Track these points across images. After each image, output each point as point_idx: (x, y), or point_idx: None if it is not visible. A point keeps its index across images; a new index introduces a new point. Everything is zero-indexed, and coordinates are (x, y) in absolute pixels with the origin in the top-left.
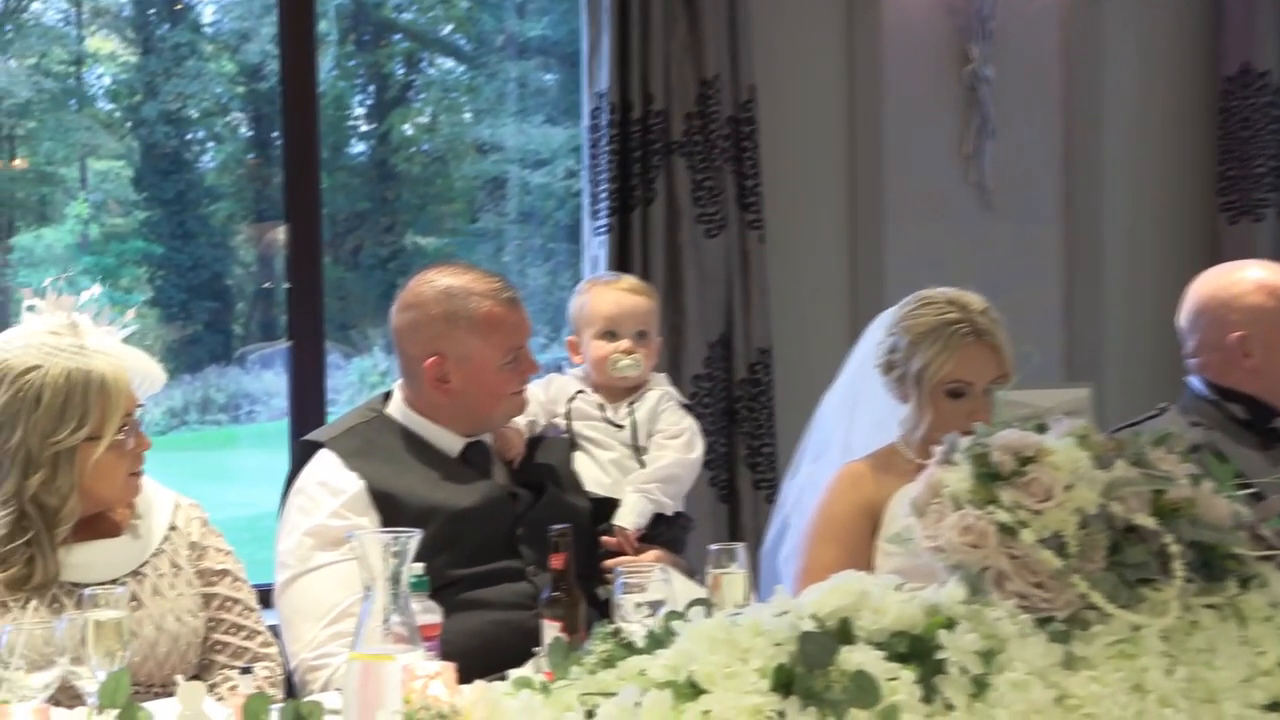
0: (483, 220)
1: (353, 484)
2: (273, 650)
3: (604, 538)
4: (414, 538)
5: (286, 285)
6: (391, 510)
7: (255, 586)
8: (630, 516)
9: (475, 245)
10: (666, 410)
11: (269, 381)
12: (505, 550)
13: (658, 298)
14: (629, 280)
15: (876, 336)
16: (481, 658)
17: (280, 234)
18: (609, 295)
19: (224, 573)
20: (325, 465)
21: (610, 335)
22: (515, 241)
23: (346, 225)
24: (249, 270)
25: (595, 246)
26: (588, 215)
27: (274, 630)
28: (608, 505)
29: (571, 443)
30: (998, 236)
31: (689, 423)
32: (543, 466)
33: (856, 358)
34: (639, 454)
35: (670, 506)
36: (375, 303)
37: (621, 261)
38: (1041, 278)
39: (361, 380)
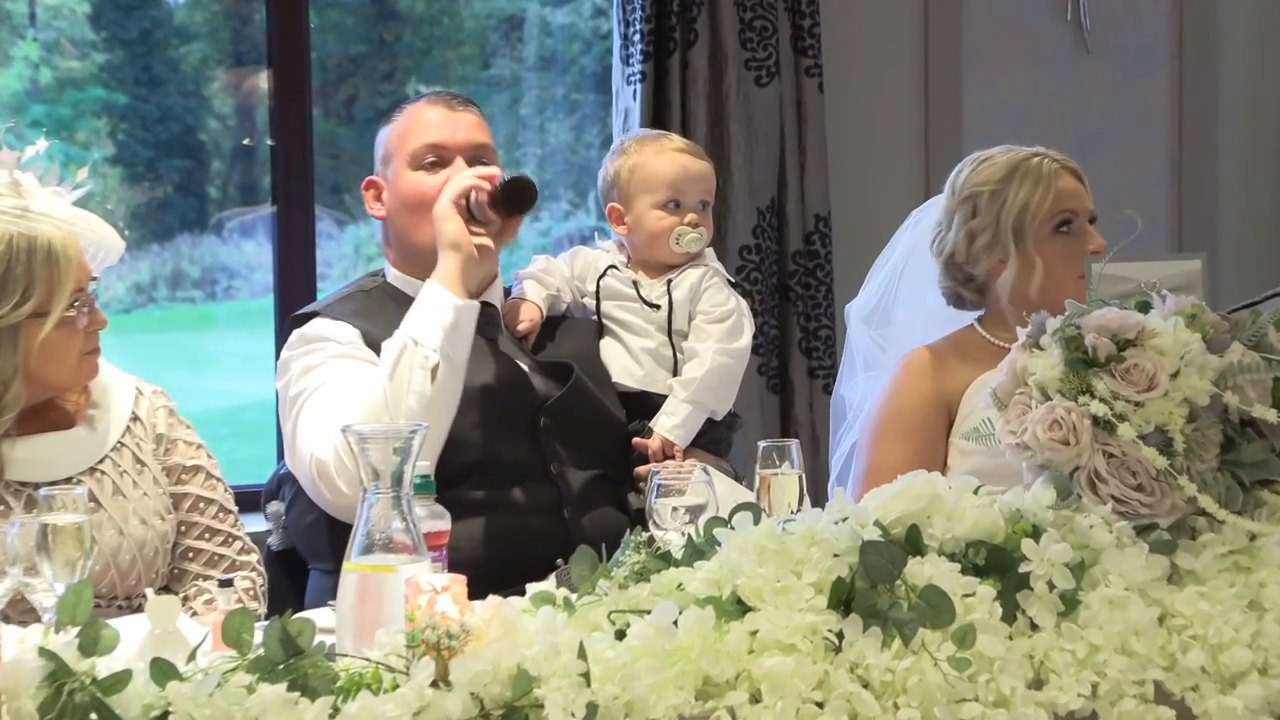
0: (497, 66)
1: (349, 332)
2: (253, 558)
3: (637, 439)
4: (419, 432)
5: (270, 142)
6: None
7: (234, 489)
8: (679, 430)
9: (488, 95)
10: (710, 288)
11: (250, 253)
12: (525, 443)
13: None
14: (681, 140)
15: (909, 239)
16: (497, 568)
17: (262, 81)
18: (671, 159)
19: (195, 469)
20: (316, 324)
21: (673, 205)
22: (534, 91)
23: (339, 72)
24: (226, 124)
25: (627, 97)
26: (618, 60)
27: (255, 539)
28: (641, 401)
29: (600, 327)
30: (1097, 84)
31: (735, 303)
32: (566, 345)
33: (892, 262)
34: (676, 340)
35: (721, 412)
36: (372, 162)
37: (657, 115)
38: (1147, 132)
39: (357, 252)
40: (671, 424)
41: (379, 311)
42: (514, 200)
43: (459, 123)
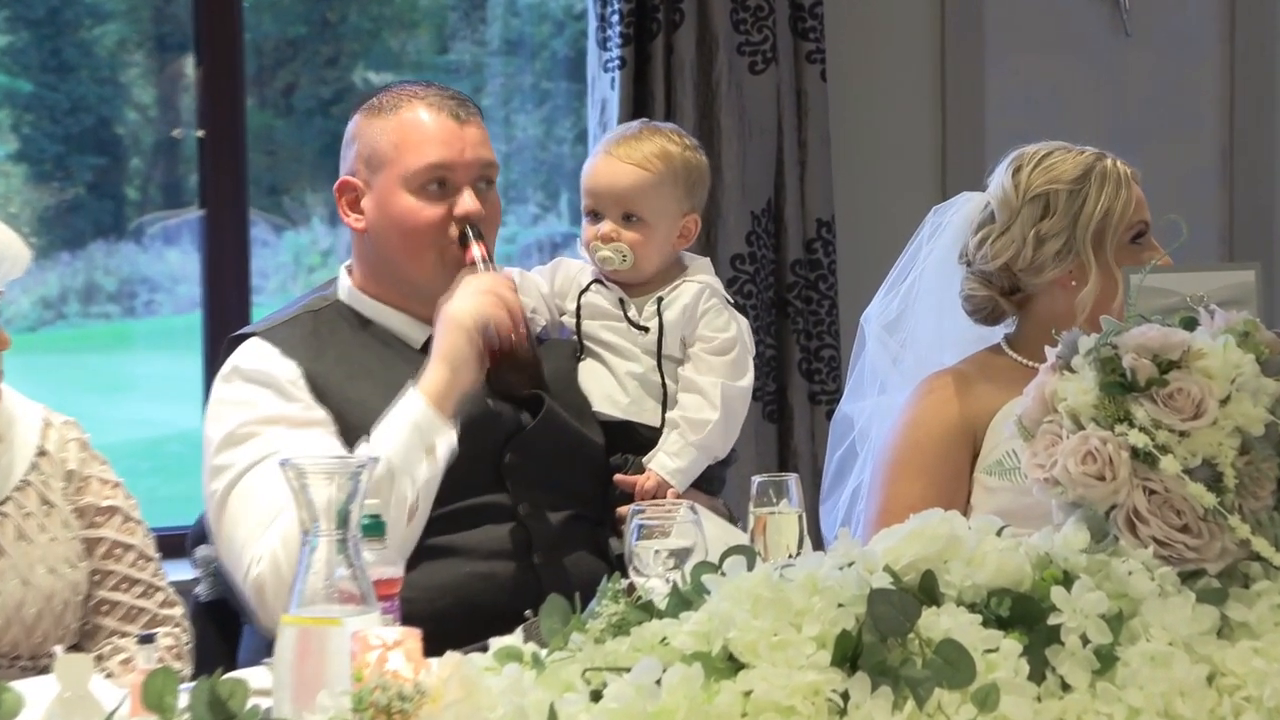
0: (456, 51)
1: (290, 370)
2: (177, 611)
3: (620, 476)
4: (368, 467)
5: (198, 134)
6: (341, 427)
7: (156, 532)
8: (680, 475)
9: (446, 83)
10: (710, 311)
11: (174, 262)
12: (488, 481)
13: (688, 166)
14: (649, 141)
15: (942, 246)
16: (456, 621)
17: (188, 67)
18: (594, 162)
19: (111, 510)
20: (255, 353)
21: (593, 215)
22: (499, 79)
23: (275, 56)
24: (147, 116)
25: (604, 86)
26: (594, 44)
27: (181, 586)
28: (624, 431)
29: (579, 348)
30: (1137, 71)
31: (737, 329)
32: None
33: (921, 265)
34: (667, 366)
35: (723, 456)
36: (314, 159)
37: (638, 105)
38: (1194, 125)
39: (297, 261)
40: (674, 466)
41: (329, 340)
42: (508, 374)
43: (466, 139)
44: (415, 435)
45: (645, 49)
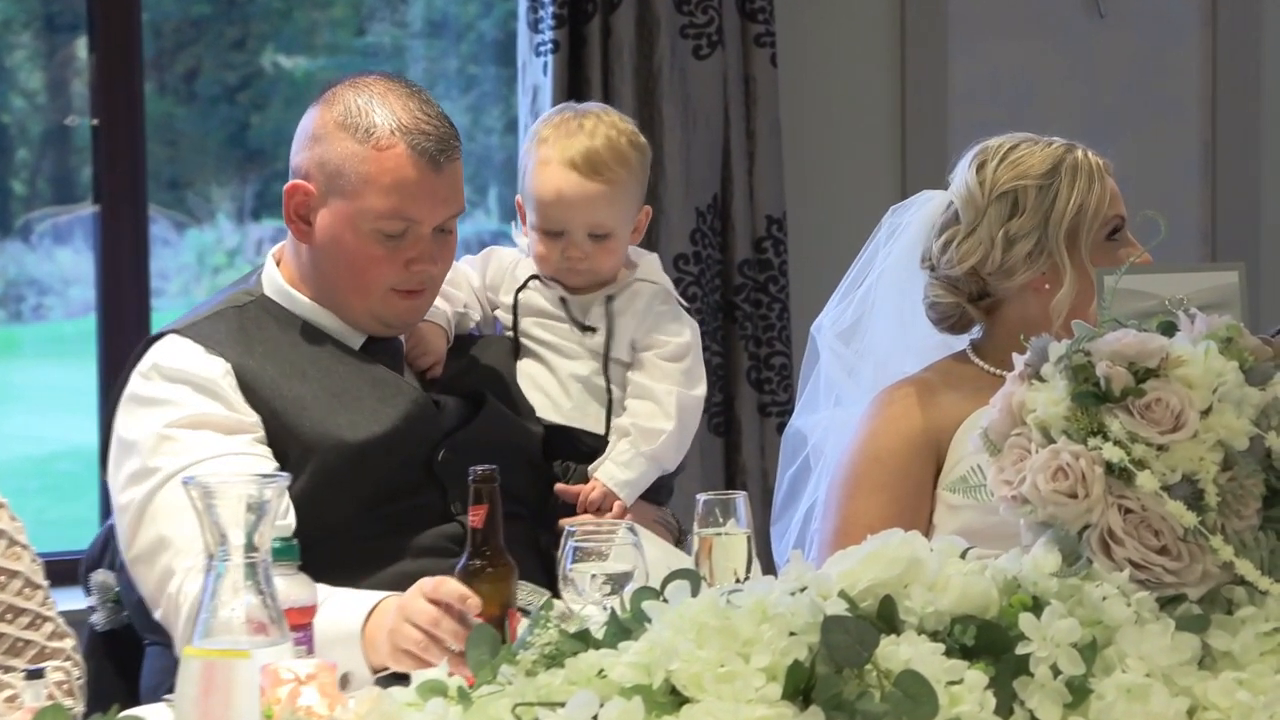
0: (374, 33)
1: (216, 366)
2: (68, 644)
3: (561, 486)
4: (276, 483)
5: (92, 123)
6: (271, 433)
7: (45, 557)
8: (629, 488)
9: (363, 68)
10: (663, 315)
11: (66, 263)
12: (421, 480)
13: (641, 159)
14: (598, 138)
15: (901, 249)
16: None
17: (81, 50)
18: (552, 176)
19: None
20: (176, 350)
21: (552, 234)
22: (421, 63)
23: (176, 39)
24: (35, 103)
25: (536, 71)
26: (525, 26)
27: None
28: (564, 437)
29: (516, 346)
30: (1112, 56)
31: (691, 335)
32: (477, 370)
33: (878, 269)
34: (613, 370)
35: (673, 469)
36: (219, 150)
37: (573, 92)
38: (1174, 115)
39: (200, 261)
40: (624, 478)
41: (257, 336)
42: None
43: (439, 190)
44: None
45: (580, 31)
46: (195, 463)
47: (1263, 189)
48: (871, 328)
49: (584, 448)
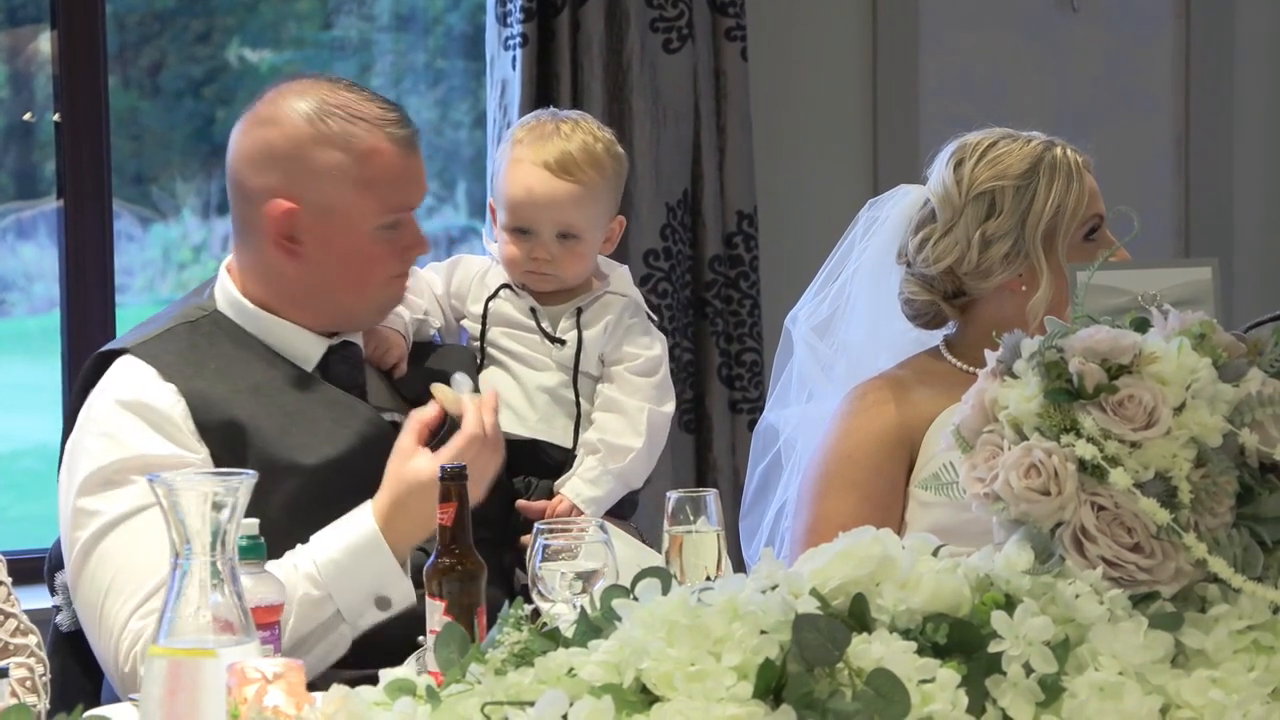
0: (341, 26)
1: (167, 398)
2: (32, 641)
3: (523, 503)
4: (244, 481)
5: (55, 118)
6: (227, 454)
7: (8, 555)
8: (595, 505)
9: (330, 62)
10: (634, 328)
11: (29, 258)
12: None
13: (617, 167)
14: (574, 142)
15: (878, 244)
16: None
17: (44, 44)
18: (523, 174)
19: None
20: (131, 377)
21: (519, 232)
22: (388, 58)
23: (141, 32)
24: None
25: (504, 66)
26: (493, 19)
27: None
28: (528, 451)
29: (481, 356)
30: (1085, 50)
31: (661, 349)
32: (435, 380)
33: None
34: (582, 383)
35: (641, 482)
36: (185, 144)
37: (541, 86)
38: (1147, 108)
39: (166, 257)
40: (590, 495)
41: (208, 353)
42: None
43: (418, 171)
44: (364, 592)
45: (549, 24)
46: (140, 509)
47: (1235, 183)
48: (847, 323)
49: (550, 461)
